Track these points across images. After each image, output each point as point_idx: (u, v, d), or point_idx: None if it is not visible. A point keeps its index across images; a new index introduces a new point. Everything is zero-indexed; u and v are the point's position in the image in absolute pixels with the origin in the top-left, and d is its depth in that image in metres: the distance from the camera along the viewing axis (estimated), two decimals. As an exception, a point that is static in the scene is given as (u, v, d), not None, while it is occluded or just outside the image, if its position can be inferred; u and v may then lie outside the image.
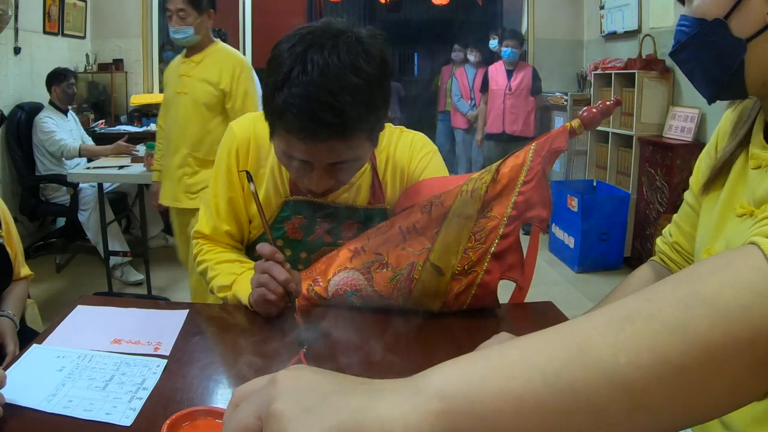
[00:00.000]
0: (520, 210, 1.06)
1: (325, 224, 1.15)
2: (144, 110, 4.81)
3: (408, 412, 0.36)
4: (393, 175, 1.17)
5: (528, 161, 1.06)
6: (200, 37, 2.51)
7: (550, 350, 0.37)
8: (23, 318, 1.60)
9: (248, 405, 0.40)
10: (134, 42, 4.98)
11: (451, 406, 0.36)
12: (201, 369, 0.89)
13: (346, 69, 0.88)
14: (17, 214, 3.61)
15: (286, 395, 0.38)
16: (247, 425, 0.39)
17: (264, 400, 0.39)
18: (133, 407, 0.78)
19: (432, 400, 0.36)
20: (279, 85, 0.90)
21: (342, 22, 0.96)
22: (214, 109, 2.54)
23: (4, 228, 1.52)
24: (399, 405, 0.36)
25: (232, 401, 0.43)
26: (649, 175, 3.79)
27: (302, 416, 0.36)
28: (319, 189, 1.01)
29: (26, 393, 0.79)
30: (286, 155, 0.98)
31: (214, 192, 1.19)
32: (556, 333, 0.38)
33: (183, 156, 2.57)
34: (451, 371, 0.38)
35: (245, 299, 1.06)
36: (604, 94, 4.38)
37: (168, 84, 2.68)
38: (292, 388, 0.39)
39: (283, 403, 0.37)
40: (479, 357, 0.38)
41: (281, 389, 0.39)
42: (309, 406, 0.37)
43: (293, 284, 0.98)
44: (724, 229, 0.78)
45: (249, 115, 1.20)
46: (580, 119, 1.04)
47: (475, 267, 1.06)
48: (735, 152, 0.79)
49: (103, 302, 1.14)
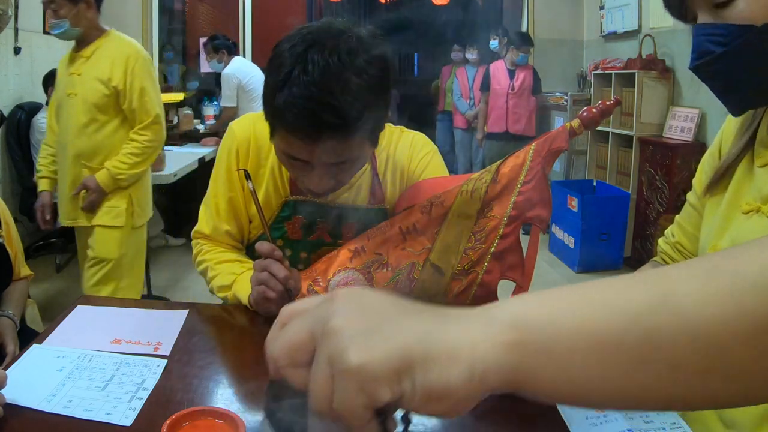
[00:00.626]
0: (520, 210, 1.06)
1: (325, 224, 1.15)
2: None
3: (478, 341, 0.34)
4: (393, 175, 1.17)
5: (528, 161, 1.06)
6: (82, 29, 2.22)
7: (631, 294, 0.34)
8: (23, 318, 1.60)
9: (301, 321, 0.37)
10: (134, 42, 4.98)
11: (524, 339, 0.34)
12: (201, 369, 0.89)
13: (347, 69, 0.88)
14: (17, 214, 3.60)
15: (347, 312, 0.35)
16: (299, 342, 0.36)
17: (321, 316, 0.36)
18: (133, 407, 0.78)
19: (506, 331, 0.34)
20: (279, 85, 0.90)
21: (342, 22, 0.96)
22: (108, 111, 2.25)
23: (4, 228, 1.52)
24: (469, 333, 0.34)
25: (279, 320, 0.41)
26: (649, 175, 3.79)
27: (364, 335, 0.34)
28: (319, 189, 1.01)
29: (26, 393, 0.79)
30: (286, 155, 0.98)
31: (214, 192, 1.19)
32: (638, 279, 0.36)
33: (77, 167, 2.29)
34: (528, 304, 0.36)
35: (245, 299, 1.06)
36: (604, 94, 4.38)
37: (59, 84, 2.38)
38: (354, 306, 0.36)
39: (343, 320, 0.35)
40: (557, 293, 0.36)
41: (341, 306, 0.36)
42: (372, 327, 0.35)
43: (293, 281, 0.98)
44: (729, 227, 0.78)
45: (249, 115, 1.20)
46: (580, 119, 1.04)
47: (475, 267, 1.06)
48: (740, 154, 0.78)
49: (103, 302, 1.14)
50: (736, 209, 0.77)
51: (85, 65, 2.25)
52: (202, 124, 4.68)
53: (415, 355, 0.33)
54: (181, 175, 3.21)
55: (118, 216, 2.32)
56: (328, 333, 0.35)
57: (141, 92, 2.24)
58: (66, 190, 2.32)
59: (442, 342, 0.34)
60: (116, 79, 2.21)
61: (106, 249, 2.32)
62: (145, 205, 2.44)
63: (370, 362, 0.33)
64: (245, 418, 0.72)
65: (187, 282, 3.56)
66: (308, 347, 0.36)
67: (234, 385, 0.88)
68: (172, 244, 4.21)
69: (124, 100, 2.24)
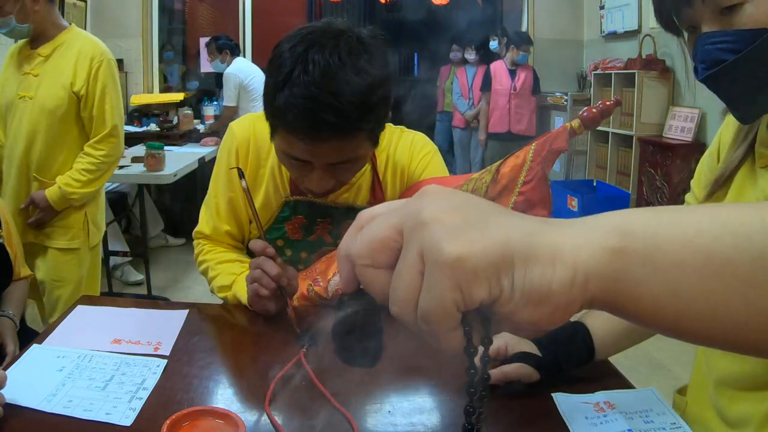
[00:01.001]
0: (520, 210, 1.06)
1: (326, 224, 1.15)
2: (144, 110, 4.81)
3: (582, 245, 0.32)
4: (393, 175, 1.17)
5: (528, 161, 1.06)
6: (31, 25, 1.94)
7: (742, 215, 0.32)
8: (23, 318, 1.60)
9: (387, 217, 0.34)
10: (134, 42, 4.98)
11: (629, 246, 0.32)
12: (201, 369, 0.89)
13: (347, 69, 0.88)
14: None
15: (441, 206, 0.33)
16: (386, 238, 0.33)
17: (411, 210, 0.33)
18: (133, 407, 0.78)
19: (611, 235, 0.32)
20: (280, 85, 0.90)
21: (343, 22, 0.96)
22: (67, 119, 1.99)
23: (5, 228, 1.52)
24: (573, 237, 0.32)
25: (356, 224, 0.36)
26: (649, 175, 3.79)
27: (462, 228, 0.31)
28: (320, 189, 1.01)
29: (26, 393, 0.79)
30: (286, 155, 0.98)
31: (214, 192, 1.19)
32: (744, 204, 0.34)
33: (26, 181, 2.02)
34: (636, 213, 0.33)
35: (245, 299, 1.06)
36: (604, 94, 4.38)
37: (6, 82, 2.04)
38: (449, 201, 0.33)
39: (439, 212, 0.32)
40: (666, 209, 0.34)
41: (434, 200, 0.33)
42: (470, 220, 0.32)
43: (285, 278, 0.98)
44: None
45: (249, 115, 1.20)
46: (580, 119, 1.04)
47: (475, 267, 1.06)
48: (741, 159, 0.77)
49: (103, 302, 1.14)
50: None
51: (44, 66, 1.97)
52: (202, 124, 4.68)
53: (517, 251, 0.31)
54: (181, 175, 3.21)
55: (75, 237, 2.09)
56: (422, 224, 0.32)
57: (101, 98, 1.99)
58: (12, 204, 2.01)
59: (545, 242, 0.32)
60: (79, 84, 1.96)
61: (65, 272, 2.08)
62: (100, 222, 2.21)
63: (469, 255, 0.31)
64: (245, 418, 0.72)
65: (187, 282, 3.56)
66: (396, 245, 0.33)
67: (234, 385, 0.88)
68: (172, 244, 4.21)
69: (84, 107, 1.99)
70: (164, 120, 4.64)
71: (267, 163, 1.15)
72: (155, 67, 5.12)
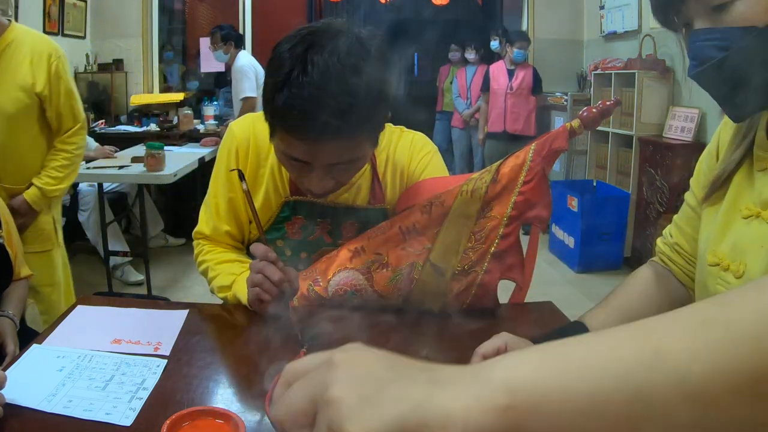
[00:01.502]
0: (520, 210, 1.06)
1: (325, 224, 1.15)
2: (144, 110, 4.82)
3: (472, 407, 0.34)
4: (393, 175, 1.17)
5: (528, 161, 1.06)
6: None
7: (620, 351, 0.35)
8: (23, 318, 1.60)
9: (303, 387, 0.39)
10: (134, 42, 4.98)
11: (516, 402, 0.34)
12: (201, 369, 0.90)
13: (347, 70, 0.88)
14: (17, 214, 3.60)
15: (343, 381, 0.37)
16: (301, 409, 0.39)
17: (320, 383, 0.38)
18: (133, 407, 0.78)
19: (497, 394, 0.35)
20: (279, 86, 0.90)
21: (342, 22, 0.96)
22: (27, 121, 1.90)
23: (5, 228, 1.52)
24: (463, 398, 0.35)
25: (284, 379, 0.42)
26: (649, 175, 3.79)
27: (360, 406, 0.36)
28: (319, 190, 1.01)
29: (26, 393, 0.79)
30: (286, 156, 0.98)
31: (214, 192, 1.19)
32: (627, 333, 0.36)
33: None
34: (518, 364, 0.36)
35: (245, 299, 1.06)
36: (604, 94, 4.38)
37: None
38: (351, 373, 0.38)
39: (341, 390, 0.37)
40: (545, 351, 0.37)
41: (339, 374, 0.38)
42: (368, 395, 0.36)
43: (287, 284, 0.98)
44: (729, 232, 0.77)
45: (249, 116, 1.20)
46: (580, 119, 1.04)
47: (475, 267, 1.06)
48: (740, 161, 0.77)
49: (103, 302, 1.15)
50: (735, 214, 0.77)
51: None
52: (202, 124, 4.68)
53: (411, 424, 0.35)
54: (181, 175, 3.21)
55: (48, 239, 2.07)
56: (327, 402, 0.37)
57: (67, 95, 1.95)
58: None
59: (435, 408, 0.35)
60: (41, 84, 1.87)
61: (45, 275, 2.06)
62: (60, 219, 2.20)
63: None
64: (245, 418, 0.72)
65: (187, 282, 3.56)
66: (310, 412, 0.38)
67: (234, 385, 0.88)
68: (172, 244, 4.21)
69: (49, 107, 1.92)
70: (164, 120, 4.65)
71: (267, 164, 1.15)
72: (155, 67, 5.12)
